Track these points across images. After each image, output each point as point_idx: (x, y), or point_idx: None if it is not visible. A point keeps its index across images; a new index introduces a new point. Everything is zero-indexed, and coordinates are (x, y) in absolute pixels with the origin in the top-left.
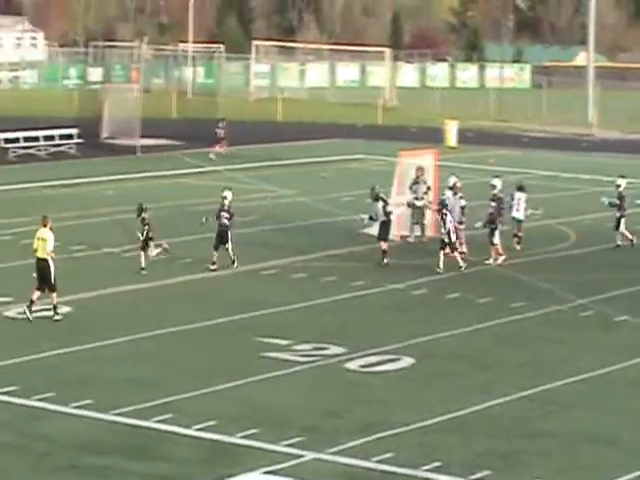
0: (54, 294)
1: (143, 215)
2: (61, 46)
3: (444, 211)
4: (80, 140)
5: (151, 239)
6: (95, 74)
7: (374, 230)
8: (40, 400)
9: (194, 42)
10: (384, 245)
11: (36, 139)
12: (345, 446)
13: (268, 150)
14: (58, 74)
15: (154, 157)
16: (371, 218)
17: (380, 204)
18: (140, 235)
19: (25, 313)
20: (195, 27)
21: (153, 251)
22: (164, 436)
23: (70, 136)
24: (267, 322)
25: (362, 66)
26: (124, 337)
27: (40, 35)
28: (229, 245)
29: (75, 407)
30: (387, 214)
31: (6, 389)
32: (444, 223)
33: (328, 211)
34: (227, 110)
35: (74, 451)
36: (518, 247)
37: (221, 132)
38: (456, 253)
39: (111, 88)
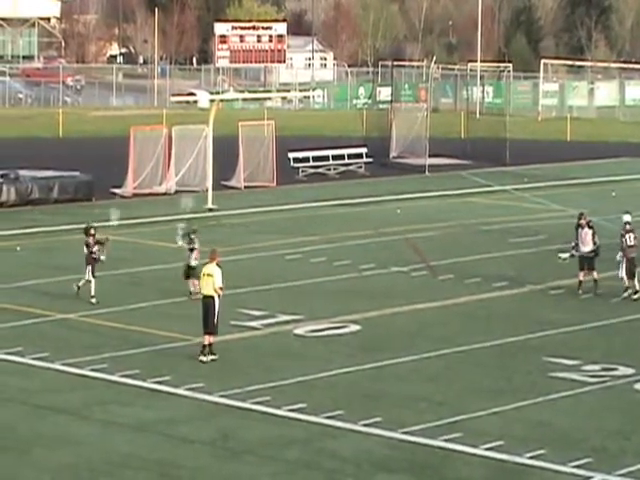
0: (211, 337)
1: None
2: (350, 66)
3: None
4: (369, 159)
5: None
6: (384, 94)
7: None
8: (329, 417)
9: (482, 61)
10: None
11: (325, 158)
12: (633, 468)
13: (557, 169)
14: (347, 94)
15: (443, 176)
16: (572, 255)
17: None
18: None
19: (202, 359)
20: (483, 46)
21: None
22: (452, 455)
23: (359, 155)
24: (555, 342)
25: None
26: (412, 355)
27: (329, 55)
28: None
29: (364, 425)
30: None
31: (297, 406)
32: None
33: (617, 231)
34: (515, 130)
35: (363, 468)
36: None
37: None
38: None
39: (399, 107)
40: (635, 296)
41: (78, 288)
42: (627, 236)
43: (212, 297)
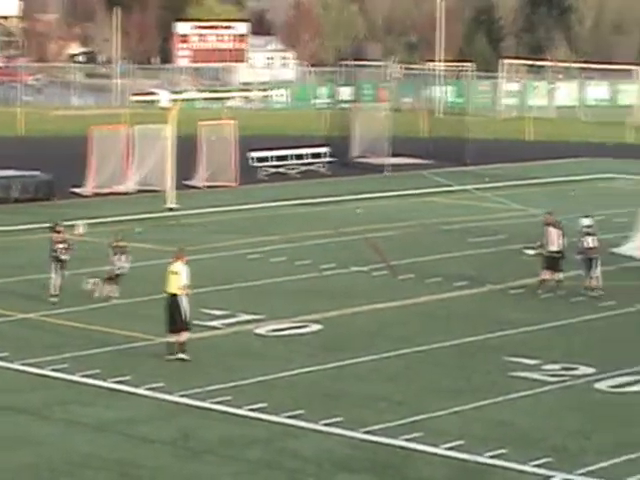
0: (184, 333)
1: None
2: (311, 65)
3: None
4: (330, 159)
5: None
6: (345, 93)
7: (628, 250)
8: (290, 417)
9: (443, 61)
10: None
11: (287, 158)
12: (594, 467)
13: (517, 169)
14: (308, 93)
15: (404, 176)
16: (540, 254)
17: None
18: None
19: (183, 357)
20: (444, 46)
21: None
22: (413, 455)
23: (321, 155)
24: (515, 341)
25: (612, 84)
26: (372, 355)
27: (291, 55)
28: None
29: (325, 424)
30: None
31: (257, 406)
32: None
33: (577, 230)
34: (476, 129)
35: (325, 468)
36: None
37: None
38: None
39: (361, 107)
40: (595, 293)
41: (51, 286)
42: (585, 239)
43: (176, 295)
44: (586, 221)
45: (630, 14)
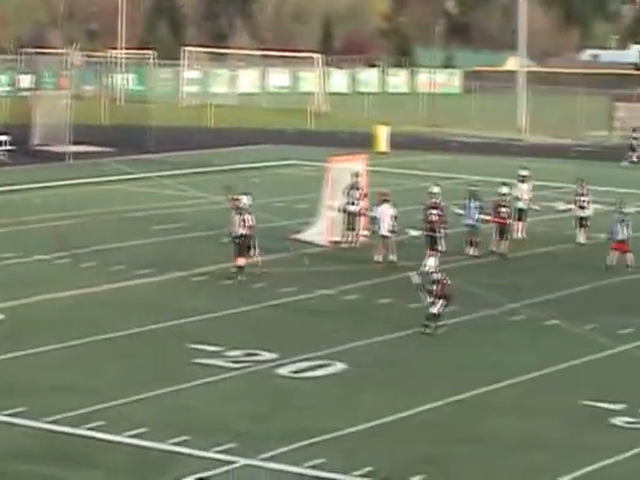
0: None
1: None
2: None
3: None
4: (11, 147)
5: None
6: (25, 81)
7: (309, 236)
8: None
9: (125, 49)
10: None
11: None
12: (276, 452)
13: (199, 156)
14: None
15: (85, 164)
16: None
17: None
18: None
19: None
20: (126, 34)
21: None
22: (95, 444)
23: (1, 143)
24: (197, 329)
25: (293, 72)
26: (55, 344)
27: None
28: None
29: (6, 415)
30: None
31: None
32: None
33: (259, 217)
34: (158, 117)
35: (5, 459)
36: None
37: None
38: None
39: (41, 95)
40: (262, 273)
41: None
42: (246, 218)
43: None
44: (245, 199)
45: (310, 5)
